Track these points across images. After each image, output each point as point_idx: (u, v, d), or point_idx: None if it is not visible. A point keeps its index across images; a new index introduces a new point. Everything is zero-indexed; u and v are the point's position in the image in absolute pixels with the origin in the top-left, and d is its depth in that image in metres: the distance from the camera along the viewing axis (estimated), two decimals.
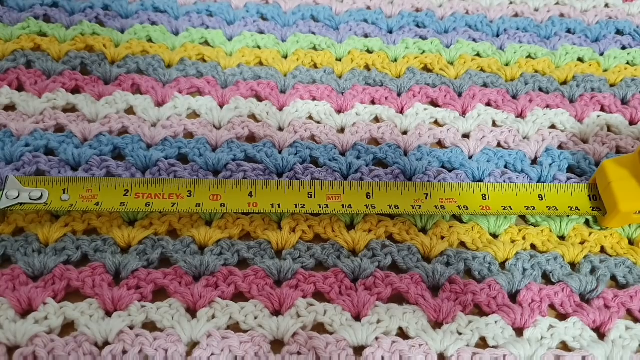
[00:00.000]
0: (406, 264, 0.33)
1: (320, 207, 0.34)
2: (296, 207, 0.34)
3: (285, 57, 0.46)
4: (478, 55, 0.48)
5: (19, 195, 0.32)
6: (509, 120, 0.42)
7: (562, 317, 0.31)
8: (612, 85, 0.45)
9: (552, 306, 0.32)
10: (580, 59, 0.48)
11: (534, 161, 0.40)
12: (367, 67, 0.46)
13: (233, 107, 0.41)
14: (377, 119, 0.42)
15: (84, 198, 0.33)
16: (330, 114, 0.41)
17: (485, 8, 0.52)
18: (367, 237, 0.34)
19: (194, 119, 0.40)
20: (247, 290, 0.31)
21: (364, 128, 0.40)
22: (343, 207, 0.34)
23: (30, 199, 0.32)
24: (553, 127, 0.42)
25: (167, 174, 0.36)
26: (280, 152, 0.38)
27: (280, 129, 0.40)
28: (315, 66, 0.45)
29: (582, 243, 0.35)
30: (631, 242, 0.35)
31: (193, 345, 0.29)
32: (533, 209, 0.35)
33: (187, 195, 0.34)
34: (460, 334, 0.30)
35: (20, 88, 0.41)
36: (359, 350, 0.29)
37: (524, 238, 0.35)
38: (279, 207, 0.33)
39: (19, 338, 0.28)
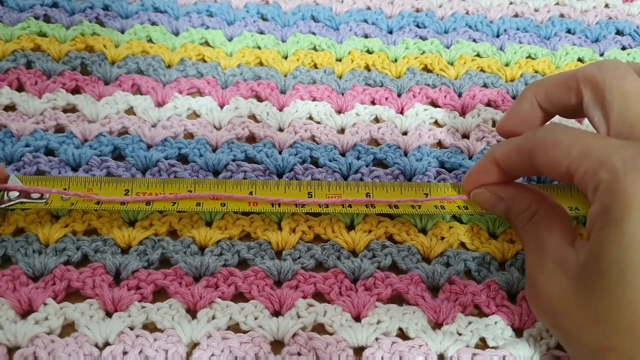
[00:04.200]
0: (406, 265, 0.33)
1: (320, 207, 0.34)
2: (296, 206, 0.34)
3: (285, 57, 0.46)
4: (478, 55, 0.48)
5: (19, 195, 0.32)
6: None
7: None
8: None
9: None
10: (580, 59, 0.48)
11: None
12: (367, 68, 0.46)
13: (233, 108, 0.41)
14: (377, 120, 0.42)
15: (84, 199, 0.33)
16: (330, 115, 0.41)
17: (485, 8, 0.52)
18: (367, 237, 0.34)
19: (194, 119, 0.40)
20: (247, 291, 0.31)
21: (364, 128, 0.40)
22: (343, 207, 0.34)
23: (31, 198, 0.32)
24: None
25: (167, 174, 0.36)
26: (280, 153, 0.38)
27: (280, 130, 0.40)
28: (315, 66, 0.45)
29: None
30: None
31: (193, 345, 0.29)
32: None
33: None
34: (460, 334, 0.30)
35: (20, 88, 0.41)
36: (358, 350, 0.29)
37: None
38: (279, 206, 0.33)
39: (19, 339, 0.28)
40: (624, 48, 0.49)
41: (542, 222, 0.28)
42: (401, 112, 0.42)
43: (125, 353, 0.28)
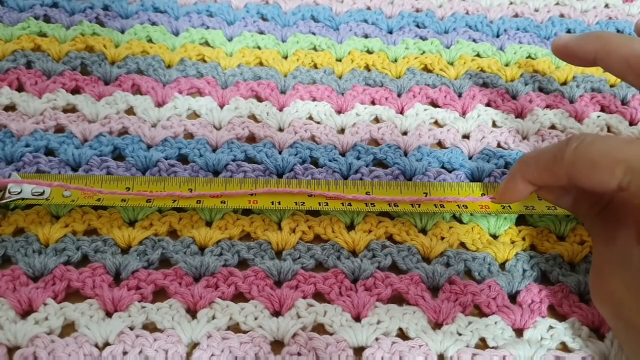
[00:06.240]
0: (406, 265, 0.33)
1: (320, 205, 0.34)
2: (296, 204, 0.34)
3: (285, 57, 0.46)
4: (478, 55, 0.48)
5: (21, 191, 0.32)
6: (508, 121, 0.42)
7: (562, 317, 0.31)
8: (612, 86, 0.45)
9: (551, 307, 0.32)
10: None
11: None
12: (367, 68, 0.46)
13: (233, 108, 0.41)
14: (377, 120, 0.42)
15: (85, 194, 0.33)
16: (330, 115, 0.41)
17: (485, 8, 0.52)
18: (367, 237, 0.34)
19: (194, 119, 0.40)
20: (247, 291, 0.31)
21: (364, 128, 0.40)
22: (342, 205, 0.34)
23: (32, 195, 0.32)
24: (553, 127, 0.42)
25: (167, 174, 0.36)
26: (280, 153, 0.38)
27: (280, 130, 0.40)
28: (315, 66, 0.45)
29: (581, 243, 0.35)
30: None
31: (193, 346, 0.29)
32: (532, 209, 0.35)
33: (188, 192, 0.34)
34: (460, 334, 0.30)
35: (20, 88, 0.41)
36: (358, 351, 0.29)
37: (523, 239, 0.35)
38: (279, 204, 0.34)
39: (19, 339, 0.28)
40: None
41: (612, 216, 0.29)
42: (401, 112, 0.42)
43: (125, 353, 0.28)
